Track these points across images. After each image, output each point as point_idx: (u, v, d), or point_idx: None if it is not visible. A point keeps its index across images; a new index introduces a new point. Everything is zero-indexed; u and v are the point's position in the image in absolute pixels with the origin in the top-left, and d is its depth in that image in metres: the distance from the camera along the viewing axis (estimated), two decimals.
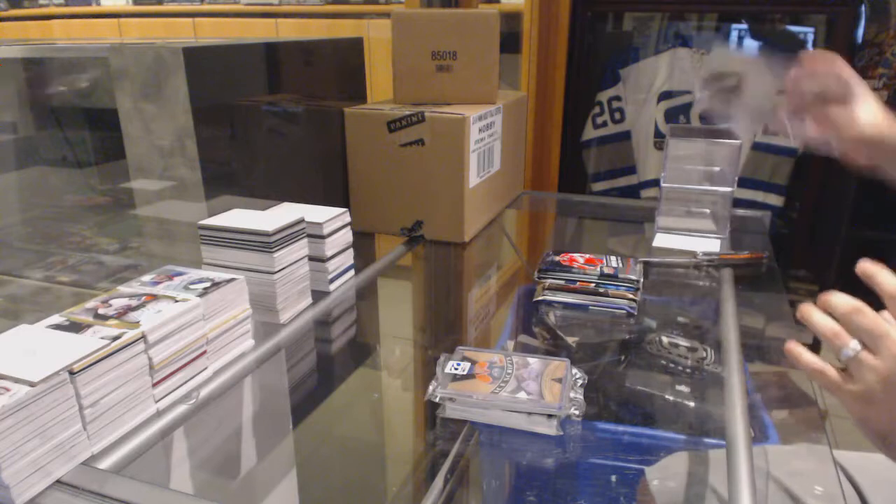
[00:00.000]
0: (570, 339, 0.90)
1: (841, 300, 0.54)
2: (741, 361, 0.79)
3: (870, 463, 0.77)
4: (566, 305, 0.98)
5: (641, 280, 1.00)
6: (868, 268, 0.54)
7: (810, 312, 0.55)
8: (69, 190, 1.31)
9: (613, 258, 1.05)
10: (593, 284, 0.98)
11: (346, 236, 1.00)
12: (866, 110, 0.80)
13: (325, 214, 0.95)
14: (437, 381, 0.71)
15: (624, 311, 0.95)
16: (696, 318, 1.02)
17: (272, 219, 0.87)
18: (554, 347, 0.89)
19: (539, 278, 1.02)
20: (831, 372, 0.54)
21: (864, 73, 2.04)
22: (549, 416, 0.67)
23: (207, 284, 0.75)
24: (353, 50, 1.36)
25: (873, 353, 0.52)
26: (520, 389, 0.69)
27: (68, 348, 0.59)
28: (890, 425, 0.52)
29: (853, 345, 0.53)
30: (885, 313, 0.53)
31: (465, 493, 0.64)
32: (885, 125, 0.79)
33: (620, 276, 0.99)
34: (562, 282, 0.99)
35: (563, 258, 1.05)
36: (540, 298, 0.98)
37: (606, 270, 1.00)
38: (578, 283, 0.99)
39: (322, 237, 0.94)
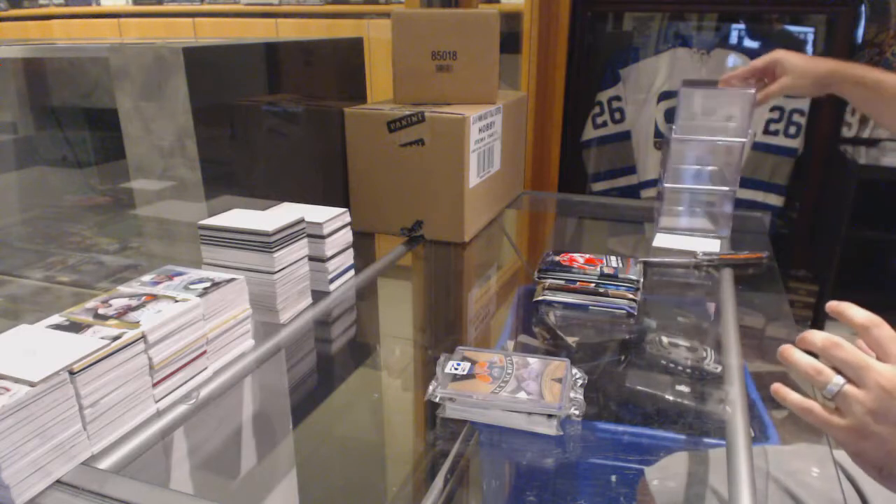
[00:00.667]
0: (570, 339, 0.90)
1: (818, 336, 0.54)
2: (741, 361, 0.79)
3: None
4: (566, 305, 0.98)
5: (641, 280, 1.00)
6: (835, 306, 0.55)
7: (790, 352, 0.56)
8: (69, 190, 1.31)
9: (613, 258, 1.05)
10: (593, 284, 0.98)
11: (346, 236, 1.00)
12: (799, 62, 1.03)
13: (325, 214, 0.95)
14: (437, 381, 0.71)
15: (624, 311, 0.95)
16: (696, 318, 1.02)
17: (272, 219, 0.87)
18: (554, 347, 0.89)
19: (539, 278, 1.02)
20: (819, 409, 0.54)
21: None
22: (549, 416, 0.67)
23: (207, 284, 0.75)
24: (353, 50, 1.36)
25: (858, 386, 0.52)
26: (520, 389, 0.69)
27: (68, 348, 0.59)
28: (884, 456, 0.52)
29: (836, 380, 0.53)
30: (861, 343, 0.53)
31: (465, 493, 0.64)
32: (828, 63, 1.01)
33: (620, 276, 0.98)
34: (562, 282, 0.99)
35: (563, 258, 1.05)
36: (540, 298, 0.98)
37: (606, 270, 1.00)
38: (578, 283, 0.99)
39: (322, 237, 0.94)
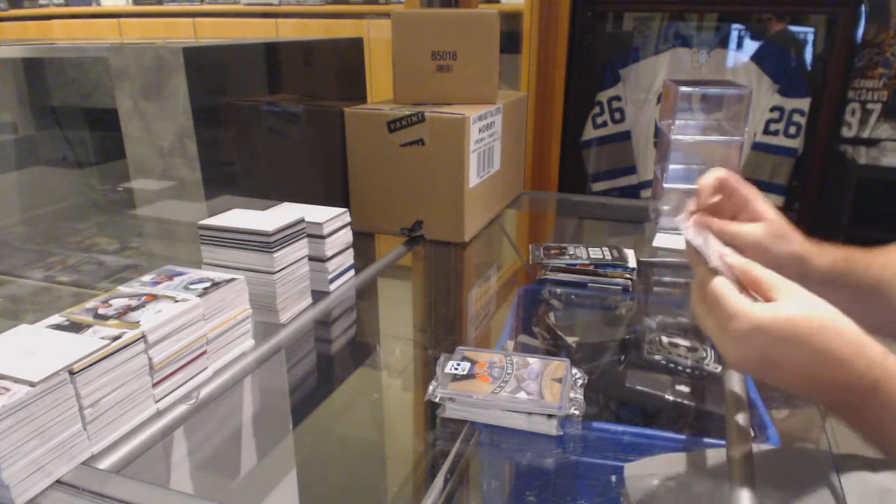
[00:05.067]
0: (570, 339, 0.90)
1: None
2: None
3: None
4: (567, 283, 1.05)
5: (636, 266, 1.04)
6: None
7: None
8: (69, 190, 1.31)
9: (606, 249, 1.07)
10: (592, 266, 1.04)
11: (346, 236, 1.00)
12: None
13: (325, 214, 0.95)
14: (437, 381, 0.71)
15: (620, 287, 1.02)
16: None
17: (272, 219, 0.87)
18: (554, 347, 0.89)
19: (541, 265, 1.07)
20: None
21: (864, 72, 2.04)
22: (549, 416, 0.67)
23: (207, 284, 0.75)
24: (353, 50, 1.36)
25: None
26: (520, 389, 0.69)
27: (68, 348, 0.59)
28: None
29: None
30: None
31: (465, 493, 0.64)
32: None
33: (616, 262, 1.03)
34: (563, 265, 1.06)
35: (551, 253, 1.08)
36: (543, 277, 1.05)
37: (605, 255, 1.05)
38: (578, 265, 1.04)
39: (322, 237, 0.94)
